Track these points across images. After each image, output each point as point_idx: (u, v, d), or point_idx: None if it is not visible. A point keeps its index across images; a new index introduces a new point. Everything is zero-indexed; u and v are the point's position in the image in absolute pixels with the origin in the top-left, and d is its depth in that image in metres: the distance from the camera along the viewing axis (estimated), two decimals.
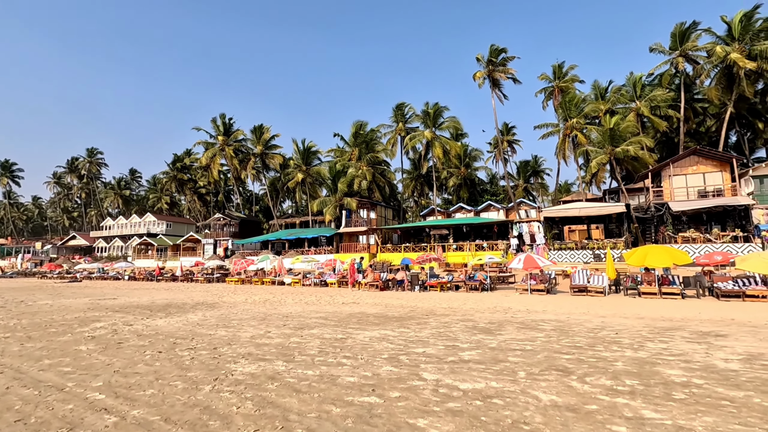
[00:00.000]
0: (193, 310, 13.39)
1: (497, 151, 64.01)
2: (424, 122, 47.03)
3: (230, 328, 9.73)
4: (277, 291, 21.96)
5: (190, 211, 79.69)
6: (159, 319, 11.42)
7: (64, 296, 20.15)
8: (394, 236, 45.05)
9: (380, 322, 10.67)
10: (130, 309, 13.90)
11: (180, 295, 20.21)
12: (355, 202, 40.50)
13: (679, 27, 37.09)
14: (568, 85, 45.02)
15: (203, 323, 10.57)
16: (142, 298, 18.25)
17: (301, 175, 47.57)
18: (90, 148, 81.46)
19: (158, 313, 12.60)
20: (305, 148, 48.97)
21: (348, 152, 49.58)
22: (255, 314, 12.34)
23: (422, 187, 61.52)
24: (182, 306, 14.74)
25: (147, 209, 74.65)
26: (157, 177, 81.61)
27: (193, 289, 24.61)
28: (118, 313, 12.64)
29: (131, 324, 10.44)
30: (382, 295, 18.75)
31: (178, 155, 64.92)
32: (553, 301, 15.53)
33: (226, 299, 17.45)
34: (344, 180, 41.58)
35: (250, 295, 19.60)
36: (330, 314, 12.31)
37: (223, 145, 52.62)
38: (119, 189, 78.43)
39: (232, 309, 13.78)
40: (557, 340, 7.88)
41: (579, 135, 39.30)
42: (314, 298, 17.48)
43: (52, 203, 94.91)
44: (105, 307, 14.71)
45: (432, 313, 12.52)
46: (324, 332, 9.12)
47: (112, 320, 11.18)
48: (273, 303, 15.75)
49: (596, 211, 30.88)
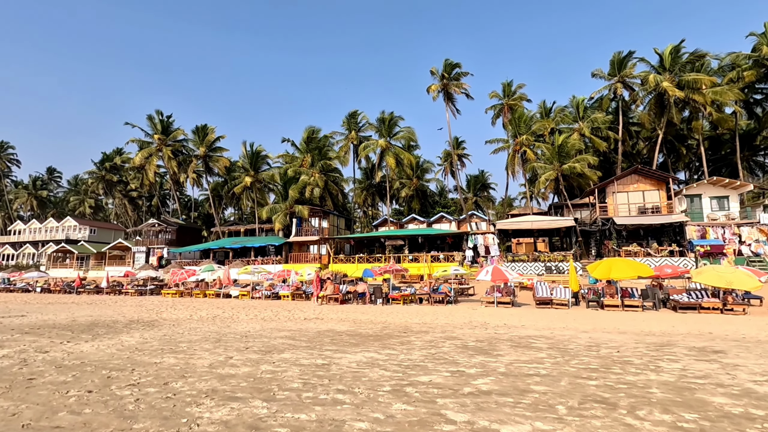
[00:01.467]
0: (128, 330, 11.24)
1: (447, 164, 65.20)
2: (379, 131, 46.51)
3: (180, 354, 8.00)
4: (225, 305, 19.79)
5: (118, 217, 72.64)
6: (84, 342, 9.31)
7: None
8: (346, 246, 43.69)
9: (358, 342, 9.44)
10: (44, 329, 11.42)
11: (107, 311, 17.45)
12: (307, 210, 38.73)
13: (617, 55, 39.86)
14: (517, 103, 46.77)
15: (143, 347, 8.69)
16: (59, 315, 15.42)
17: (249, 179, 44.86)
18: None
19: (82, 335, 10.37)
20: (254, 152, 46.37)
21: (299, 158, 47.70)
22: (206, 334, 10.54)
23: (373, 198, 60.85)
24: (112, 325, 12.44)
25: (66, 213, 67.00)
26: (81, 177, 73.65)
27: (123, 303, 21.62)
28: (27, 336, 10.23)
29: (46, 350, 8.32)
30: (344, 309, 17.41)
31: (108, 154, 58.93)
32: (524, 315, 15.14)
33: (166, 315, 15.19)
34: (296, 187, 39.69)
35: (193, 310, 17.36)
36: (296, 332, 10.83)
37: (161, 145, 48.46)
38: (34, 189, 69.72)
39: (176, 328, 11.79)
40: (566, 362, 7.16)
41: (528, 151, 40.69)
42: (270, 313, 15.75)
43: None
44: (9, 327, 12.03)
45: (408, 329, 11.48)
46: (298, 356, 7.73)
47: (20, 345, 8.92)
48: (224, 320, 13.86)
49: (547, 224, 31.78)
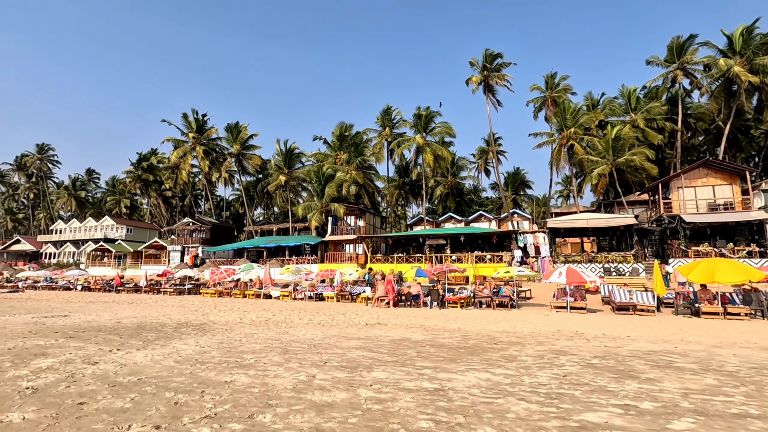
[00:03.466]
0: (179, 335, 10.05)
1: (482, 161, 63.08)
2: (415, 127, 44.86)
3: (249, 369, 6.63)
4: (270, 306, 18.61)
5: (152, 216, 73.73)
6: (135, 350, 8.10)
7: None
8: (382, 245, 42.28)
9: (452, 356, 7.86)
10: (89, 333, 10.38)
11: (150, 311, 16.53)
12: (343, 208, 37.50)
13: (676, 40, 36.88)
14: (561, 95, 44.24)
15: (204, 359, 7.38)
16: (102, 316, 14.53)
17: (284, 177, 44.08)
18: (40, 144, 74.25)
19: (131, 341, 9.22)
20: (288, 149, 45.59)
21: (332, 156, 46.66)
22: (268, 342, 9.21)
23: (406, 196, 59.26)
24: (161, 328, 11.31)
25: (104, 212, 68.34)
26: (117, 178, 75.21)
27: (164, 302, 20.81)
28: (73, 341, 9.15)
29: (95, 361, 7.11)
30: (400, 313, 15.87)
31: (144, 154, 59.62)
32: (609, 322, 13.20)
33: (213, 318, 14.04)
34: (332, 184, 38.53)
35: (239, 312, 16.21)
36: (368, 342, 9.36)
37: (195, 144, 48.37)
38: (74, 190, 71.57)
39: (230, 333, 10.53)
40: (759, 393, 5.38)
41: (576, 145, 38.22)
42: (324, 317, 14.37)
43: None
44: (53, 329, 11.07)
45: (495, 339, 9.83)
46: (396, 376, 6.22)
47: (66, 353, 7.77)
48: (278, 324, 12.56)
49: (605, 222, 29.39)
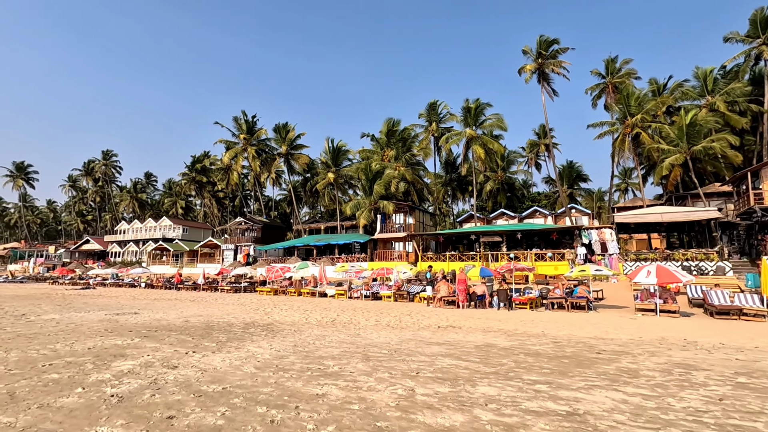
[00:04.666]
0: (250, 337, 9.65)
1: (533, 155, 60.39)
2: (464, 120, 43.30)
3: (338, 379, 5.97)
4: (329, 305, 18.18)
5: (205, 216, 76.73)
6: (210, 353, 7.70)
7: (74, 308, 16.64)
8: (432, 243, 41.24)
9: (560, 368, 6.83)
10: (161, 332, 10.23)
11: (213, 309, 16.55)
12: (392, 205, 36.79)
13: (759, 13, 33.11)
14: (624, 80, 41.11)
15: (284, 365, 6.82)
16: (169, 314, 14.62)
17: (332, 175, 44.07)
18: (105, 151, 79.24)
19: (204, 342, 8.89)
20: (335, 147, 45.56)
21: (379, 153, 46.12)
22: (343, 346, 8.57)
23: (453, 193, 57.75)
24: (229, 329, 11.02)
25: (162, 213, 71.86)
26: (173, 181, 78.99)
27: (223, 300, 20.98)
28: (148, 341, 8.95)
29: (175, 365, 6.73)
30: (470, 315, 14.85)
31: (197, 157, 62.00)
32: (715, 329, 11.50)
33: (277, 317, 13.71)
34: (381, 182, 37.93)
35: (300, 311, 15.84)
36: (451, 348, 8.49)
37: (246, 145, 49.50)
38: (135, 192, 75.84)
39: (300, 335, 10.03)
40: None
41: (643, 133, 35.29)
42: (391, 318, 13.64)
43: (67, 207, 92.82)
44: (127, 327, 11.07)
45: (593, 348, 8.65)
46: (510, 393, 5.31)
47: (144, 355, 7.48)
48: (345, 324, 11.97)
49: (683, 216, 26.73)
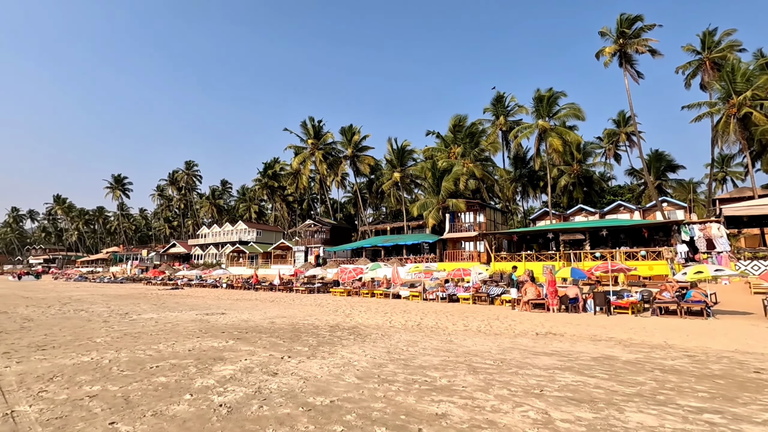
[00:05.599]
0: (339, 340, 9.32)
1: (612, 145, 55.85)
2: (536, 111, 40.79)
3: (450, 395, 5.29)
4: (406, 307, 17.64)
5: (276, 219, 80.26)
6: (306, 359, 7.40)
7: (167, 307, 17.67)
8: (504, 242, 39.34)
9: (718, 390, 5.59)
10: (251, 334, 10.25)
11: (294, 310, 16.69)
12: (463, 203, 35.54)
13: None
14: (726, 54, 36.31)
15: (385, 375, 6.28)
16: (254, 315, 14.91)
17: (398, 175, 43.73)
18: (188, 161, 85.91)
19: (295, 346, 8.67)
20: (400, 147, 45.19)
21: (445, 150, 44.99)
22: (439, 353, 7.89)
23: (524, 189, 54.89)
24: (315, 331, 10.81)
25: (237, 218, 76.23)
26: (246, 187, 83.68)
27: (300, 301, 21.27)
28: (241, 343, 8.92)
29: (274, 371, 6.46)
30: (566, 320, 13.48)
31: (268, 163, 64.98)
32: None
33: (359, 319, 13.39)
34: (449, 178, 36.84)
35: (382, 314, 15.43)
36: (562, 359, 7.46)
37: (314, 149, 50.79)
38: (213, 199, 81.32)
39: (389, 339, 9.52)
40: None
41: (755, 113, 30.78)
42: (479, 323, 12.73)
43: (156, 214, 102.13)
44: (218, 328, 11.30)
45: (744, 364, 7.14)
46: (672, 424, 4.29)
47: (242, 360, 7.36)
48: (432, 329, 11.29)
49: None
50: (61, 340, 9.32)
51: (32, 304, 19.34)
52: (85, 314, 15.01)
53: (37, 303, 19.76)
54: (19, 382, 5.90)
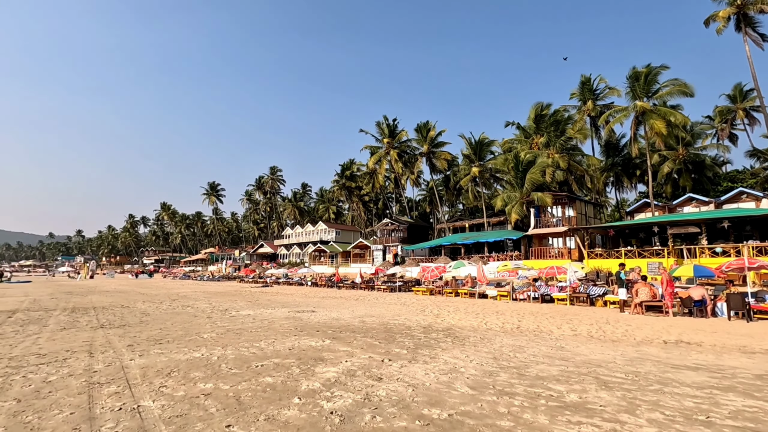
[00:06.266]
0: (436, 342, 8.78)
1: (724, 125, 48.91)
2: (631, 91, 36.74)
3: (589, 415, 4.48)
4: (498, 308, 16.61)
5: (353, 219, 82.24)
6: (407, 362, 6.97)
7: (261, 304, 18.52)
8: (597, 238, 36.02)
9: None
10: (345, 333, 10.12)
11: (380, 309, 16.52)
12: (549, 197, 33.11)
13: None
14: None
15: (499, 385, 5.61)
16: (342, 313, 14.96)
17: (476, 169, 42.16)
18: (272, 167, 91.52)
19: (392, 348, 8.30)
20: (478, 141, 43.54)
21: (525, 141, 42.40)
22: (554, 362, 6.99)
23: (618, 178, 49.93)
24: (409, 332, 10.40)
25: (317, 219, 79.38)
26: (324, 189, 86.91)
27: (383, 300, 21.13)
28: (338, 343, 8.78)
29: (378, 375, 6.11)
30: (691, 325, 11.58)
31: (345, 164, 66.75)
32: None
33: (451, 320, 12.75)
34: (534, 170, 34.57)
35: (472, 314, 14.63)
36: (710, 373, 6.16)
37: (389, 148, 50.97)
38: (295, 201, 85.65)
39: (490, 343, 8.77)
40: None
41: None
42: (588, 327, 11.40)
43: (245, 217, 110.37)
44: (311, 326, 11.39)
45: None
46: None
47: (342, 362, 7.14)
48: (535, 333, 10.29)
49: None
50: (174, 335, 9.95)
51: (147, 300, 21.51)
52: (191, 310, 16.20)
53: (151, 299, 21.94)
54: (142, 375, 6.21)
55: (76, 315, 14.61)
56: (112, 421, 4.37)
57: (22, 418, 4.50)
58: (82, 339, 9.47)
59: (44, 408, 4.81)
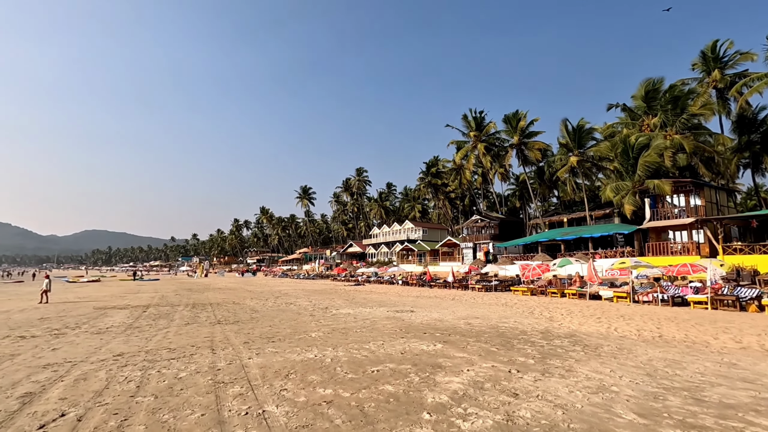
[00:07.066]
0: (564, 352, 7.65)
1: None
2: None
3: None
4: (620, 311, 14.57)
5: (439, 217, 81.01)
6: (540, 375, 6.04)
7: (358, 303, 18.58)
8: (732, 230, 30.65)
9: None
10: (454, 336, 9.40)
11: (482, 310, 15.48)
12: (668, 184, 28.86)
13: None
14: None
15: (672, 410, 4.47)
16: (443, 313, 14.24)
17: (575, 159, 38.57)
18: (358, 168, 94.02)
19: (514, 355, 7.38)
20: (576, 127, 39.77)
21: (632, 123, 37.66)
22: (737, 384, 5.52)
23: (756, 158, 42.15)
24: (525, 337, 9.33)
25: (402, 218, 79.61)
26: (409, 188, 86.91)
27: (482, 300, 19.93)
28: (451, 348, 8.09)
29: (511, 390, 5.30)
30: None
31: (430, 161, 65.96)
32: None
33: (569, 325, 11.32)
34: (648, 155, 30.47)
35: (593, 318, 12.94)
36: None
37: (476, 142, 49.02)
38: (380, 201, 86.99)
39: (631, 355, 7.39)
40: None
41: None
42: (757, 338, 9.30)
43: (334, 218, 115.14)
44: (416, 327, 10.86)
45: None
46: None
47: (464, 370, 6.44)
48: (686, 344, 8.54)
49: None
50: (283, 333, 10.10)
51: (254, 297, 22.94)
52: (294, 308, 16.74)
53: (257, 296, 23.37)
54: (262, 376, 6.14)
55: (196, 311, 15.90)
56: (241, 428, 4.19)
57: (160, 417, 4.54)
58: (204, 335, 10.02)
59: (177, 406, 4.85)
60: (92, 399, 5.15)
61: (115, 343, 8.94)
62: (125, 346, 8.59)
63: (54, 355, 7.79)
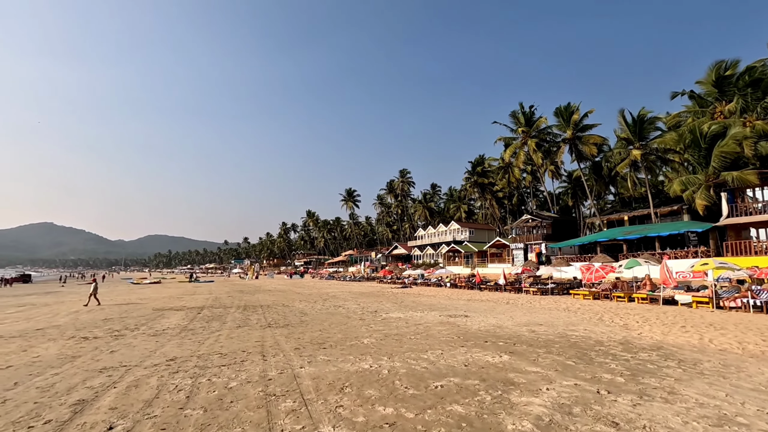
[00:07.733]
0: (658, 368, 6.57)
1: None
2: None
3: None
4: (707, 319, 12.89)
5: (485, 218, 78.65)
6: (639, 398, 5.10)
7: (407, 306, 17.93)
8: None
9: None
10: (521, 346, 8.51)
11: (544, 316, 14.32)
12: (753, 175, 25.83)
13: None
14: None
15: None
16: (501, 319, 13.27)
17: (637, 152, 35.73)
18: (402, 170, 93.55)
19: (597, 370, 6.43)
20: (637, 117, 36.90)
21: (702, 111, 34.27)
22: None
23: None
24: (602, 348, 8.26)
25: (448, 219, 78.05)
26: (453, 188, 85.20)
27: (539, 304, 18.59)
28: (519, 360, 7.24)
29: (608, 418, 4.45)
30: None
31: (476, 160, 64.13)
32: None
33: (651, 335, 10.01)
34: (725, 145, 27.51)
35: (674, 326, 11.47)
36: None
37: (526, 138, 46.91)
38: (425, 202, 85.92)
39: (744, 374, 6.19)
40: None
41: None
42: None
43: (378, 220, 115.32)
44: (474, 334, 10.05)
45: None
46: None
47: (543, 390, 5.62)
48: None
49: None
50: (334, 339, 9.66)
51: (303, 299, 22.93)
52: (343, 311, 16.38)
53: (306, 298, 23.36)
54: (315, 388, 5.66)
55: (247, 313, 15.95)
56: None
57: None
58: (254, 339, 9.80)
59: (227, 423, 4.44)
60: (141, 410, 4.88)
61: (169, 347, 8.89)
62: (178, 350, 8.49)
63: (111, 358, 7.79)
